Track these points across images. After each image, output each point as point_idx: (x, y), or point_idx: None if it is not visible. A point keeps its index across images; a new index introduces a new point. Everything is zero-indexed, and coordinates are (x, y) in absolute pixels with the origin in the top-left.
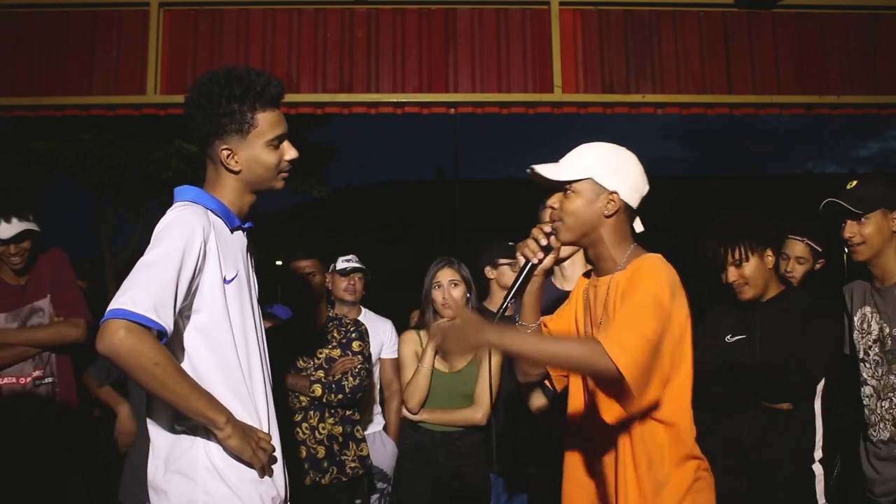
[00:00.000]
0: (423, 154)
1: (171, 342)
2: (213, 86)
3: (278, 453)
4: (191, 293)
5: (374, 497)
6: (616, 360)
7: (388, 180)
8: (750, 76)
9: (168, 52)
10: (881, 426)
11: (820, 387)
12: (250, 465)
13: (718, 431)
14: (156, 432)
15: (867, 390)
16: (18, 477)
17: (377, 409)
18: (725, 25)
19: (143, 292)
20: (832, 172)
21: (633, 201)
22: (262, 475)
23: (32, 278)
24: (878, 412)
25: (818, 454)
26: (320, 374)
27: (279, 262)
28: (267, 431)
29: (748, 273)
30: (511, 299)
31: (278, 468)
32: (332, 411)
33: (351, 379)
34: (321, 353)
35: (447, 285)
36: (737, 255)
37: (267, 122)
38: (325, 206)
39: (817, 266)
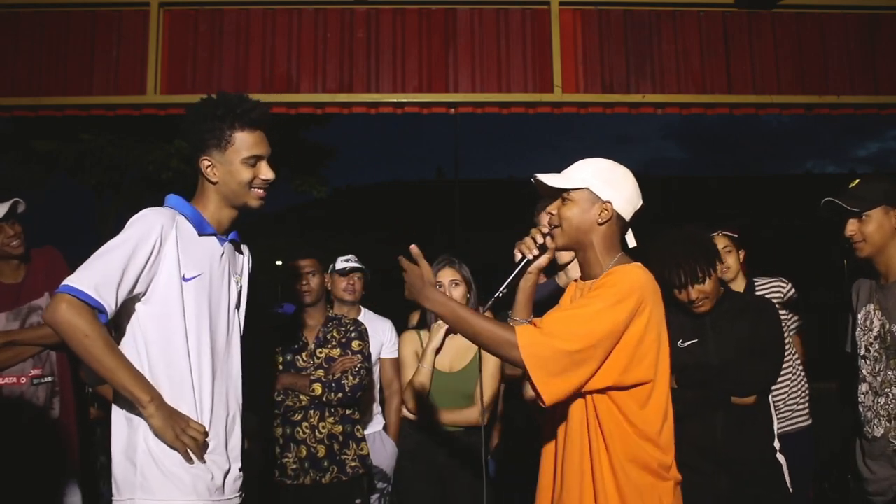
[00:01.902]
0: (423, 154)
1: (125, 324)
2: (203, 107)
3: (219, 447)
4: (144, 283)
5: (374, 497)
6: (525, 359)
7: (388, 180)
8: (750, 76)
9: (168, 52)
10: (875, 422)
11: None
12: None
13: (684, 439)
14: (115, 424)
15: (864, 387)
16: (18, 476)
17: (377, 408)
18: (725, 25)
19: (89, 273)
20: (831, 172)
21: (626, 213)
22: (187, 460)
23: (28, 277)
24: (874, 408)
25: (777, 444)
26: (320, 373)
27: (279, 262)
28: (206, 424)
29: (710, 289)
30: (504, 290)
31: (220, 459)
32: (332, 410)
33: (351, 378)
34: (321, 353)
35: (448, 285)
36: (700, 275)
37: (244, 141)
38: (325, 206)
39: (741, 255)
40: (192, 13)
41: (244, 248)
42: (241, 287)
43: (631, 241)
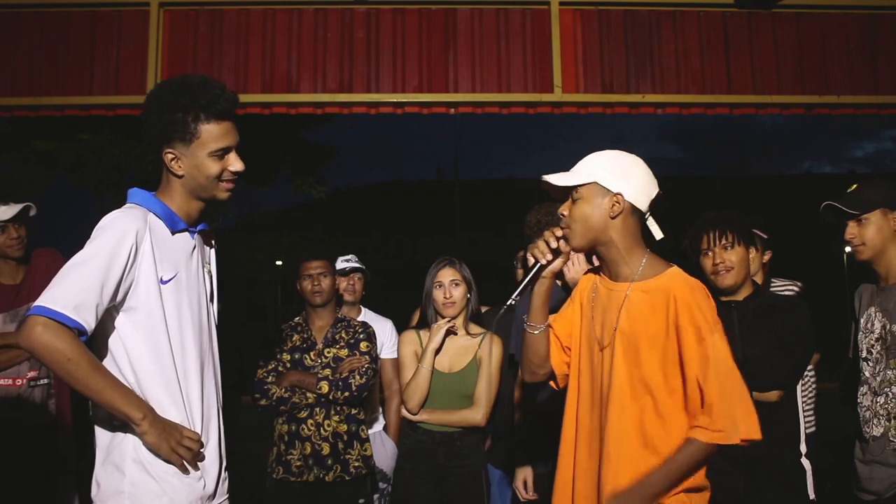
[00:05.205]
0: (423, 154)
1: (110, 337)
2: (164, 94)
3: (212, 451)
4: (122, 291)
5: (375, 497)
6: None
7: (388, 180)
8: (750, 76)
9: (168, 52)
10: (874, 422)
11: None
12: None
13: None
14: (97, 426)
15: (863, 389)
16: (14, 477)
17: (378, 408)
18: (725, 25)
19: (64, 291)
20: (829, 173)
21: (641, 203)
22: (183, 471)
23: (27, 278)
24: (873, 408)
25: (803, 448)
26: (327, 372)
27: (279, 262)
28: (199, 430)
29: (734, 259)
30: (517, 296)
31: (211, 465)
32: (338, 409)
33: (358, 377)
34: (329, 353)
35: (448, 285)
36: (727, 240)
37: (210, 134)
38: (325, 206)
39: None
40: (192, 13)
41: (212, 236)
42: (213, 278)
43: (657, 232)
